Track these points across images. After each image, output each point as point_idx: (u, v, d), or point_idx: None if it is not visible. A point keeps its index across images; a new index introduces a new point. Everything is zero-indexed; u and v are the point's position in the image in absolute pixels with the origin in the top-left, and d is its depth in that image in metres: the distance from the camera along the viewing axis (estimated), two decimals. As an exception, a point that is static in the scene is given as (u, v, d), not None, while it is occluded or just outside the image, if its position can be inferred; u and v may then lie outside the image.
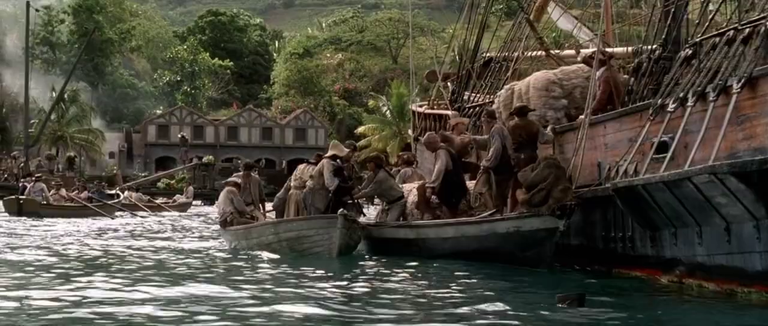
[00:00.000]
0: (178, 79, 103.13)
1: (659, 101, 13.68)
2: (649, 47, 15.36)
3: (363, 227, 18.00)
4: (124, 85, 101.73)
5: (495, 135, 16.62)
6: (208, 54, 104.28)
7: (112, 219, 35.96)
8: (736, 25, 12.75)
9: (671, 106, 13.22)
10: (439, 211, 17.63)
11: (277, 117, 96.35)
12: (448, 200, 17.56)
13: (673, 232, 13.25)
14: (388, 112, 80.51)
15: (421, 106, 27.07)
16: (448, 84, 27.47)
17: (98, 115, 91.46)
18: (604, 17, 25.20)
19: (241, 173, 21.56)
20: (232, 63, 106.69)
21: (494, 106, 19.29)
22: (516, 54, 21.95)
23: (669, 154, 12.92)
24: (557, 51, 21.57)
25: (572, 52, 21.03)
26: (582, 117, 16.04)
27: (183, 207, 48.86)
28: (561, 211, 14.60)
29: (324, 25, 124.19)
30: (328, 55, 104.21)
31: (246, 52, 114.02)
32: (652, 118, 13.75)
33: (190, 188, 58.75)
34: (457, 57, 49.21)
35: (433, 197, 17.66)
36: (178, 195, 54.04)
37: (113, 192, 46.72)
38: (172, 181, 74.27)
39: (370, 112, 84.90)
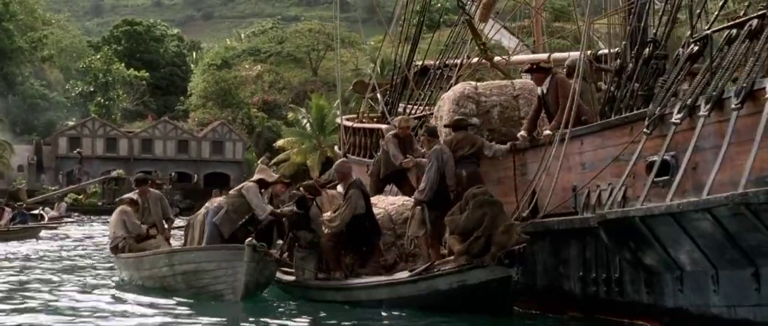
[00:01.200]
0: (92, 89, 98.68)
1: (657, 110, 10.81)
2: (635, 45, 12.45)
3: (279, 260, 14.84)
4: (34, 95, 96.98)
5: (432, 159, 13.74)
6: (123, 64, 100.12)
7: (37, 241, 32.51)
8: (765, 11, 9.95)
9: (675, 117, 10.39)
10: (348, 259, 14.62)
11: (194, 129, 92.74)
12: (357, 248, 14.58)
13: (677, 276, 10.46)
14: (308, 124, 77.66)
15: (350, 119, 23.93)
16: (378, 95, 24.51)
17: (7, 127, 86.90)
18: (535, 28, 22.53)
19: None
20: (148, 74, 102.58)
21: (433, 121, 16.44)
22: (458, 60, 18.92)
23: (676, 178, 10.11)
24: (501, 58, 18.41)
25: (523, 57, 17.89)
26: (547, 131, 13.18)
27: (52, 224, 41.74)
28: (509, 258, 11.79)
29: (243, 36, 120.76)
30: (247, 66, 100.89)
31: (163, 63, 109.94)
32: (648, 131, 10.86)
33: (63, 204, 54.92)
34: (377, 69, 46.92)
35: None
36: (47, 209, 47.64)
37: (37, 212, 42.47)
38: (80, 196, 70.38)
39: (290, 125, 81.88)
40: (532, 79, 14.54)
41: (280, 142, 78.94)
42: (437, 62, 20.15)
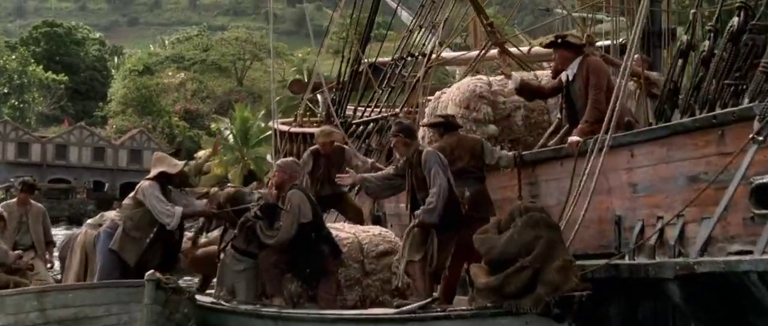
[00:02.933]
0: (6, 91, 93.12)
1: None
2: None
3: (195, 301, 10.65)
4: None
5: (434, 165, 9.70)
6: (41, 66, 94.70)
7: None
8: None
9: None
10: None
11: (112, 137, 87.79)
12: (303, 271, 10.58)
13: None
14: (231, 135, 73.47)
15: (286, 124, 19.73)
16: (318, 96, 20.37)
17: None
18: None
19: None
20: (66, 77, 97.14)
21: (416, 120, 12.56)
22: (430, 45, 14.78)
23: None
24: (518, 49, 13.90)
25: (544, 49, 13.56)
26: (573, 138, 9.26)
27: None
28: (562, 308, 7.73)
29: (167, 42, 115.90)
30: (170, 73, 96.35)
31: (83, 67, 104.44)
32: (762, 138, 6.94)
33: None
34: (305, 78, 43.02)
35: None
36: None
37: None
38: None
39: (212, 136, 77.47)
40: (555, 59, 10.55)
41: (201, 153, 74.39)
42: (399, 52, 15.96)
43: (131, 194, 11.63)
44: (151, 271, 9.88)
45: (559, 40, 10.03)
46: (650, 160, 8.26)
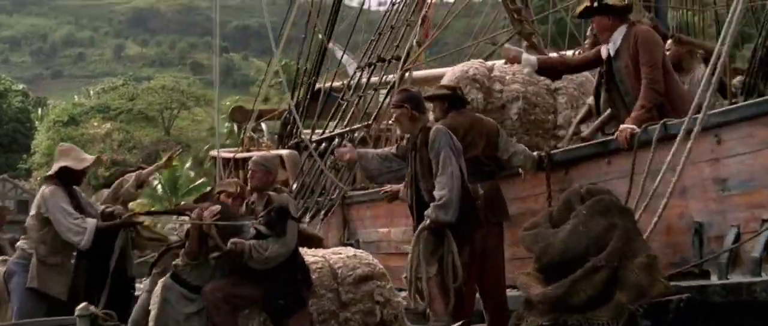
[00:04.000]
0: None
1: None
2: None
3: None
4: None
5: (444, 146, 7.67)
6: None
7: None
8: None
9: None
10: None
11: (36, 189, 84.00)
12: (273, 307, 8.40)
13: None
14: (159, 186, 70.62)
15: (232, 151, 17.40)
16: (263, 125, 18.06)
17: None
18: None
19: None
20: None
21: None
22: (407, 45, 12.60)
23: None
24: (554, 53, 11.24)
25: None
26: (627, 126, 7.27)
27: None
28: (653, 318, 5.81)
29: (92, 92, 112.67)
30: (96, 123, 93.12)
31: (5, 119, 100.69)
32: None
33: None
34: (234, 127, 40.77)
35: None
36: None
37: None
38: None
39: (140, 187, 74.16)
40: (593, 28, 8.53)
41: (130, 205, 71.27)
42: (368, 57, 13.73)
43: (32, 210, 9.29)
44: (84, 305, 7.70)
45: (596, 3, 7.97)
46: (747, 146, 6.20)
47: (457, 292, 7.59)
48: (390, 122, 12.68)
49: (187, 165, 70.59)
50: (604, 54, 8.02)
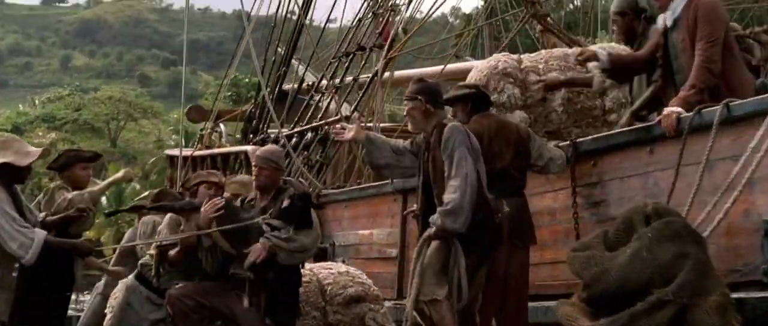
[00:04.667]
0: None
1: None
2: None
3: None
4: None
5: (459, 145, 6.48)
6: None
7: None
8: None
9: None
10: None
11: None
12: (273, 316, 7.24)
13: None
14: (104, 199, 68.57)
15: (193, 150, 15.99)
16: (221, 125, 16.70)
17: None
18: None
19: None
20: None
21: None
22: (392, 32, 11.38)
23: None
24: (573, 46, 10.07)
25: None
26: (671, 109, 6.13)
27: None
28: None
29: (37, 102, 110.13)
30: (40, 133, 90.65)
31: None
32: None
33: None
34: (182, 141, 39.28)
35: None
36: None
37: None
38: None
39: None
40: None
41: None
42: (347, 45, 12.47)
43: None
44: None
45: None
46: None
47: (462, 315, 6.42)
48: (366, 118, 11.53)
49: (137, 176, 68.93)
50: (660, 24, 6.87)
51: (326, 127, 11.37)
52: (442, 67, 12.55)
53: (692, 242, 5.00)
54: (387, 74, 11.70)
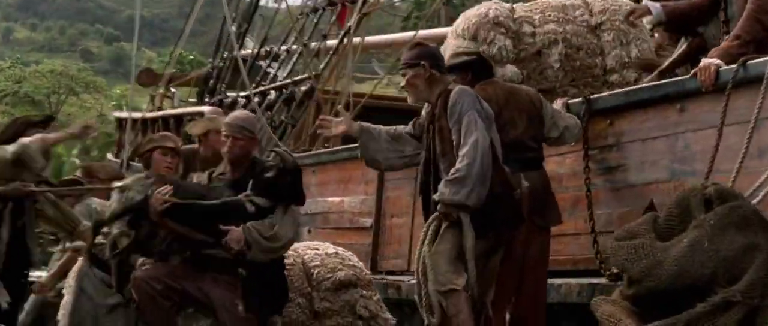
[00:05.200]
0: None
1: None
2: None
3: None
4: None
5: (468, 109, 5.49)
6: None
7: None
8: None
9: None
10: None
11: None
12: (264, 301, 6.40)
13: None
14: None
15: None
16: (173, 90, 15.68)
17: None
18: None
19: None
20: None
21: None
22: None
23: None
24: None
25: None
26: (710, 60, 5.28)
27: None
28: None
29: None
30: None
31: None
32: None
33: None
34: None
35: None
36: None
37: None
38: None
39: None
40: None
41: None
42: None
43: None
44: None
45: None
46: None
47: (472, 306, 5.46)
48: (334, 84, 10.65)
49: (74, 152, 67.28)
50: None
51: (293, 87, 10.43)
52: (413, 33, 11.69)
53: (763, 231, 4.16)
54: (357, 39, 10.81)
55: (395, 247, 8.14)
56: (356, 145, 8.90)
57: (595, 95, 6.30)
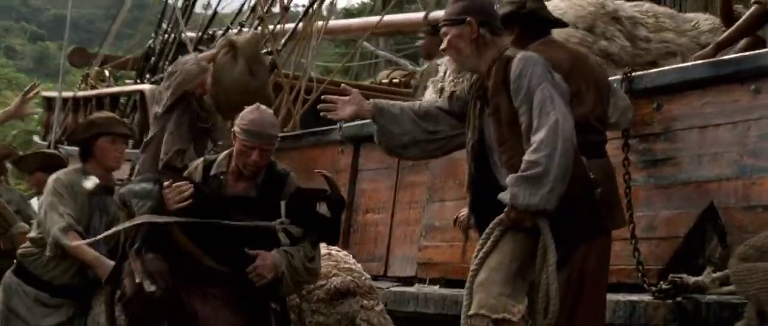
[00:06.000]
0: None
1: None
2: None
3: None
4: None
5: (542, 80, 4.04)
6: None
7: None
8: None
9: None
10: None
11: None
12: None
13: None
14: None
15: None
16: (106, 71, 14.34)
17: None
18: None
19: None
20: None
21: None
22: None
23: None
24: None
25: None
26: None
27: None
28: None
29: None
30: None
31: None
32: None
33: None
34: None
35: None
36: None
37: None
38: None
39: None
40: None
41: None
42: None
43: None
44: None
45: None
46: None
47: None
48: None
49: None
50: None
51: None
52: (378, 18, 10.61)
53: None
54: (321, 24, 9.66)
55: (370, 248, 6.94)
56: (324, 128, 7.84)
57: (639, 72, 5.16)
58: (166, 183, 4.82)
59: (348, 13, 28.35)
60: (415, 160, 5.80)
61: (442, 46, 4.34)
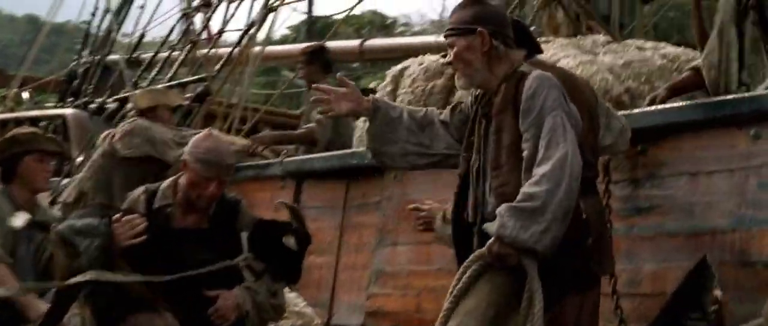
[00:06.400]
0: None
1: None
2: None
3: None
4: None
5: (556, 106, 3.57)
6: None
7: None
8: None
9: None
10: None
11: None
12: None
13: None
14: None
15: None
16: (25, 94, 13.65)
17: None
18: None
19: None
20: None
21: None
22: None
23: None
24: None
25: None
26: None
27: None
28: None
29: None
30: None
31: None
32: None
33: None
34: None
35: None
36: None
37: None
38: None
39: None
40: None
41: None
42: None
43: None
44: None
45: None
46: None
47: None
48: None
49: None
50: None
51: (180, 89, 8.66)
52: (358, 41, 10.14)
53: None
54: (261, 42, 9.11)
55: (312, 293, 6.35)
56: (264, 162, 7.26)
57: (622, 112, 4.68)
58: (114, 217, 4.28)
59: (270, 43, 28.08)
60: (397, 168, 5.31)
61: (448, 59, 3.82)
